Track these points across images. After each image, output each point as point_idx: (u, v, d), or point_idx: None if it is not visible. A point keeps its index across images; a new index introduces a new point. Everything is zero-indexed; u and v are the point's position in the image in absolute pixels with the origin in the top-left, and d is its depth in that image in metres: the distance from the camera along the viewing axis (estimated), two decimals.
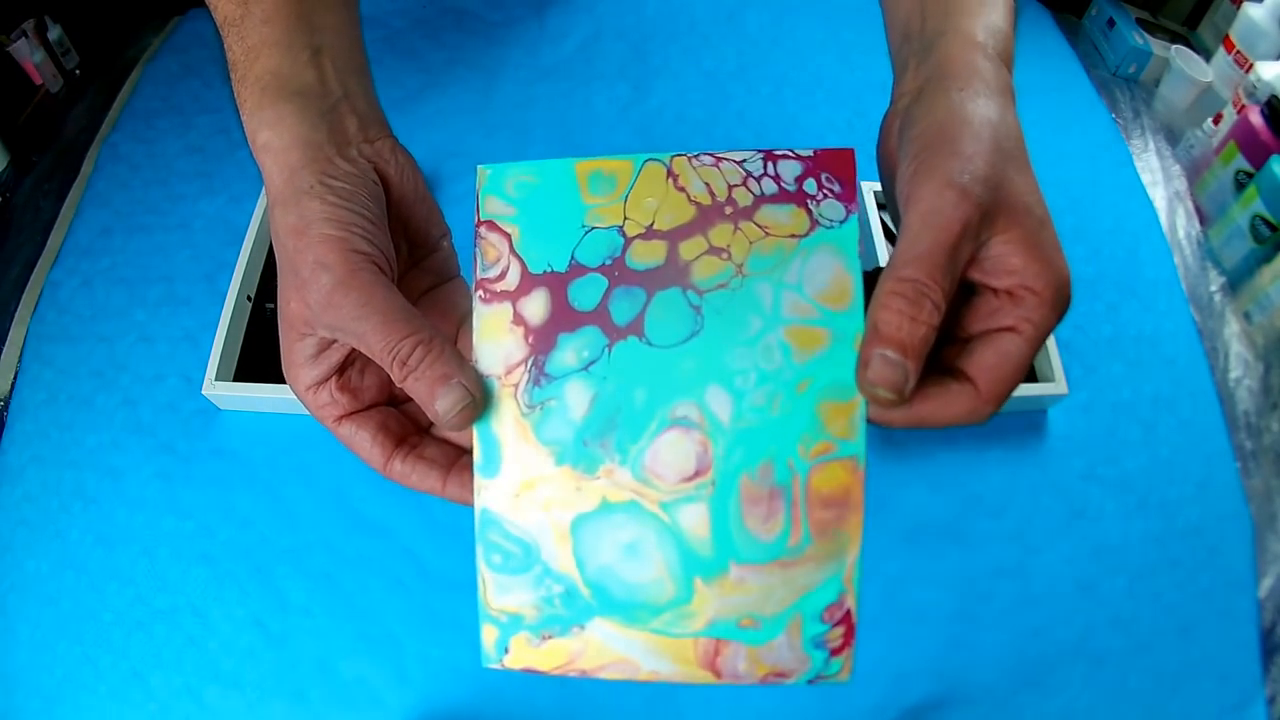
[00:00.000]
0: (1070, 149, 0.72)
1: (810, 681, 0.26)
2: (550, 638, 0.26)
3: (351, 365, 0.30)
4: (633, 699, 0.48)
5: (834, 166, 0.27)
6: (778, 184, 0.27)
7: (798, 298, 0.26)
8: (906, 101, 0.29)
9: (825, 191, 0.27)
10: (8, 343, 0.60)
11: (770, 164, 0.27)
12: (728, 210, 0.27)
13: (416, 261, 0.32)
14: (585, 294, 0.27)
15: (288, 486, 0.53)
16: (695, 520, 0.26)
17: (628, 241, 0.27)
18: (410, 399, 0.29)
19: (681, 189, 0.27)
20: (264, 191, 0.29)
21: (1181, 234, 0.68)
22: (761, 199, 0.27)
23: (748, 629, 0.26)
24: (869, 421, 0.25)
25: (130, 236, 0.64)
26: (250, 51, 0.30)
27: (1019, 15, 0.32)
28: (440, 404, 0.26)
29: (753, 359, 0.26)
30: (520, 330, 0.27)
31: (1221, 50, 0.76)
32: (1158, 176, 0.71)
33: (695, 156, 0.27)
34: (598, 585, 0.26)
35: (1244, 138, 0.67)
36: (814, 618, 0.25)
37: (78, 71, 0.78)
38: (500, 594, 0.27)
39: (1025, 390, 0.55)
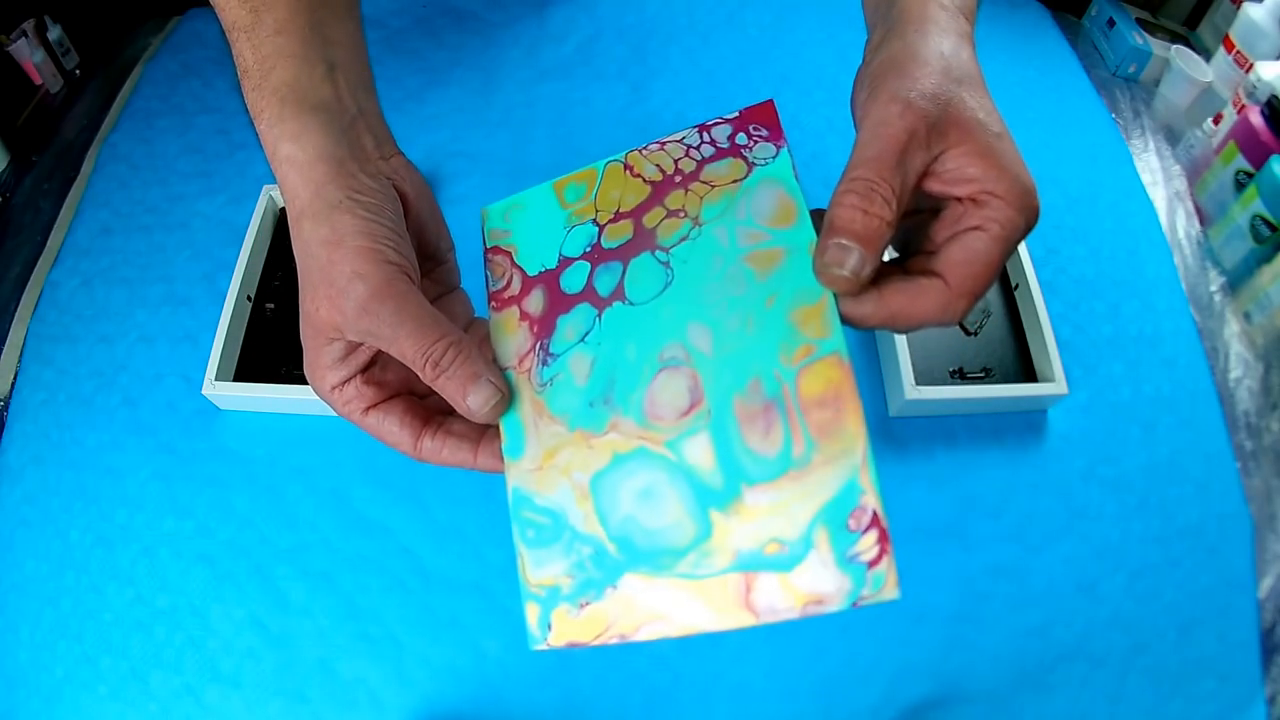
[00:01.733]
0: (1070, 149, 0.72)
1: (855, 604, 0.24)
2: (587, 604, 0.27)
3: (374, 363, 0.31)
4: (633, 699, 0.48)
5: (759, 117, 0.31)
6: (714, 146, 0.30)
7: (750, 229, 0.28)
8: (868, 56, 0.31)
9: (755, 139, 0.30)
10: (8, 343, 0.60)
11: (704, 133, 0.31)
12: (677, 179, 0.30)
13: (426, 273, 0.34)
14: (573, 279, 0.30)
15: (288, 486, 0.53)
16: (700, 451, 0.26)
17: (601, 229, 0.31)
18: (431, 393, 0.31)
19: (637, 175, 0.31)
20: (283, 197, 0.30)
21: (1181, 234, 0.68)
22: (703, 162, 0.30)
23: (775, 555, 0.25)
24: (844, 322, 0.27)
25: (130, 236, 0.64)
26: (265, 61, 0.31)
27: (1019, 16, 0.33)
28: (472, 400, 0.28)
29: (722, 291, 0.28)
30: (526, 324, 0.30)
31: (1221, 50, 0.76)
32: (1158, 176, 0.71)
33: (644, 147, 0.31)
34: (622, 539, 0.27)
35: (1244, 138, 0.67)
36: (840, 528, 0.24)
37: (78, 71, 0.78)
38: (537, 568, 0.28)
39: (1025, 390, 0.55)
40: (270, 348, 0.56)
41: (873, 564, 0.24)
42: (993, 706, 0.49)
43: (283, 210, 0.62)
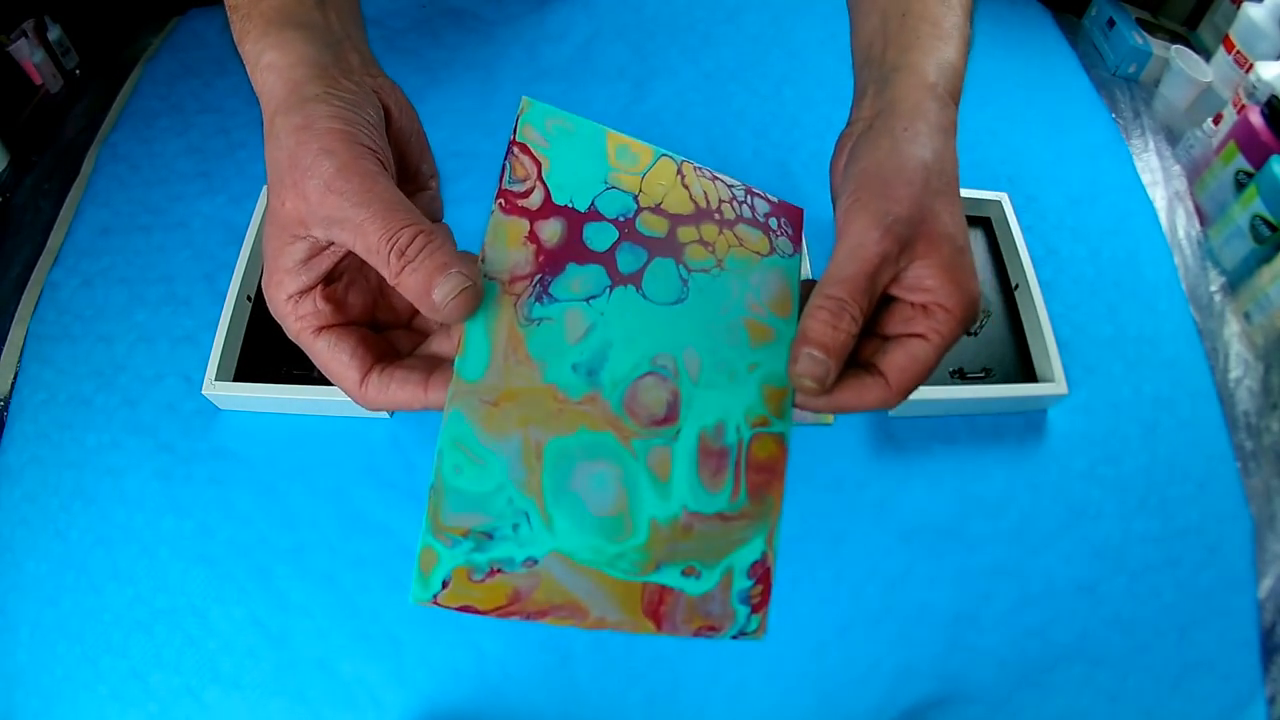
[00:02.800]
0: (1070, 149, 0.72)
1: (734, 637, 0.28)
2: (499, 571, 0.26)
3: (339, 279, 0.29)
4: (633, 699, 0.48)
5: (789, 215, 0.34)
6: (753, 212, 0.33)
7: (755, 299, 0.31)
8: (859, 129, 0.33)
9: (782, 232, 0.33)
10: (8, 343, 0.60)
11: (750, 195, 0.33)
12: (716, 216, 0.32)
13: (405, 194, 0.32)
14: (599, 237, 0.30)
15: (288, 486, 0.53)
16: (659, 462, 0.28)
17: (639, 209, 0.31)
18: (394, 323, 0.30)
19: (686, 187, 0.32)
20: (261, 106, 0.29)
21: (1181, 234, 0.68)
22: (740, 219, 0.32)
23: (690, 578, 0.27)
24: (796, 406, 0.30)
25: (130, 236, 0.64)
26: None
27: (1019, 16, 0.33)
28: (438, 291, 0.25)
29: (721, 335, 0.30)
30: (533, 248, 0.29)
31: (1221, 50, 0.76)
32: (1158, 176, 0.71)
33: (700, 168, 0.33)
34: (560, 514, 0.26)
35: (1244, 138, 0.67)
36: (742, 573, 0.28)
37: (78, 71, 0.78)
38: (454, 511, 0.26)
39: (1025, 390, 0.55)
40: (270, 348, 0.56)
41: (756, 609, 0.28)
42: (993, 706, 0.49)
43: None
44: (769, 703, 0.48)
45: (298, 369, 0.55)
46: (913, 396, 0.52)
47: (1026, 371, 0.57)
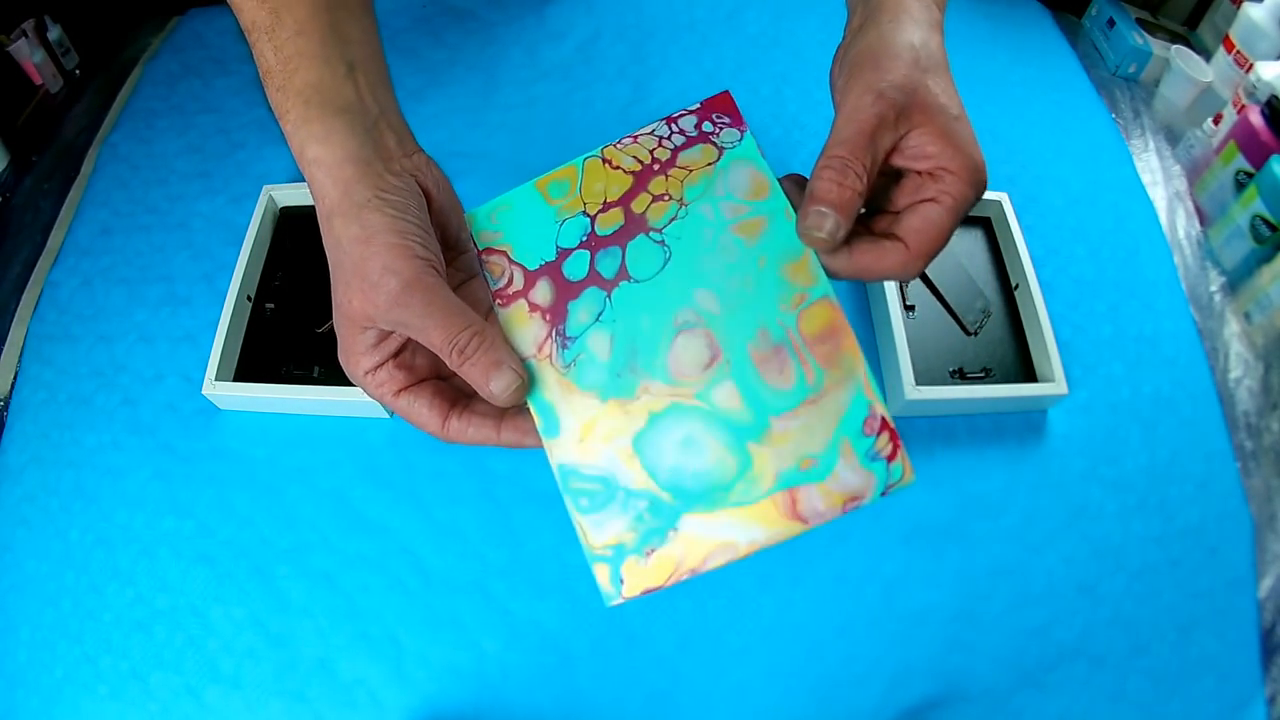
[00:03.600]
0: (1070, 149, 0.72)
1: (883, 494, 0.29)
2: (653, 551, 0.30)
3: (404, 349, 0.33)
4: (633, 699, 0.48)
5: (720, 107, 0.35)
6: (684, 135, 0.35)
7: (731, 203, 0.33)
8: (848, 39, 0.35)
9: (719, 125, 0.35)
10: (8, 343, 0.60)
11: (672, 124, 0.35)
12: (655, 168, 0.34)
13: (449, 261, 0.35)
14: (576, 267, 0.33)
15: (288, 486, 0.53)
16: (727, 396, 0.31)
17: (592, 219, 0.34)
18: (456, 376, 0.33)
19: (617, 168, 0.34)
20: (312, 195, 0.33)
21: (1181, 234, 0.68)
22: (677, 150, 0.34)
23: (810, 469, 0.30)
24: (836, 274, 0.32)
25: (130, 236, 0.64)
26: (288, 62, 0.32)
27: (1019, 16, 0.33)
28: (495, 384, 0.31)
29: (718, 259, 0.32)
30: (537, 314, 0.33)
31: (1221, 50, 0.76)
32: (1158, 176, 0.71)
33: (618, 142, 0.35)
34: (673, 486, 0.30)
35: (1244, 138, 0.67)
36: (858, 435, 0.30)
37: (78, 71, 0.78)
38: (597, 531, 0.30)
39: (1025, 390, 0.55)
40: (270, 348, 0.56)
41: (890, 458, 0.30)
42: (993, 706, 0.49)
43: (282, 210, 0.62)
44: (769, 703, 0.48)
45: (298, 369, 0.55)
46: (913, 397, 0.52)
47: (1026, 371, 0.57)
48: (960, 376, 0.56)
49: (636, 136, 0.35)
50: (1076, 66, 0.79)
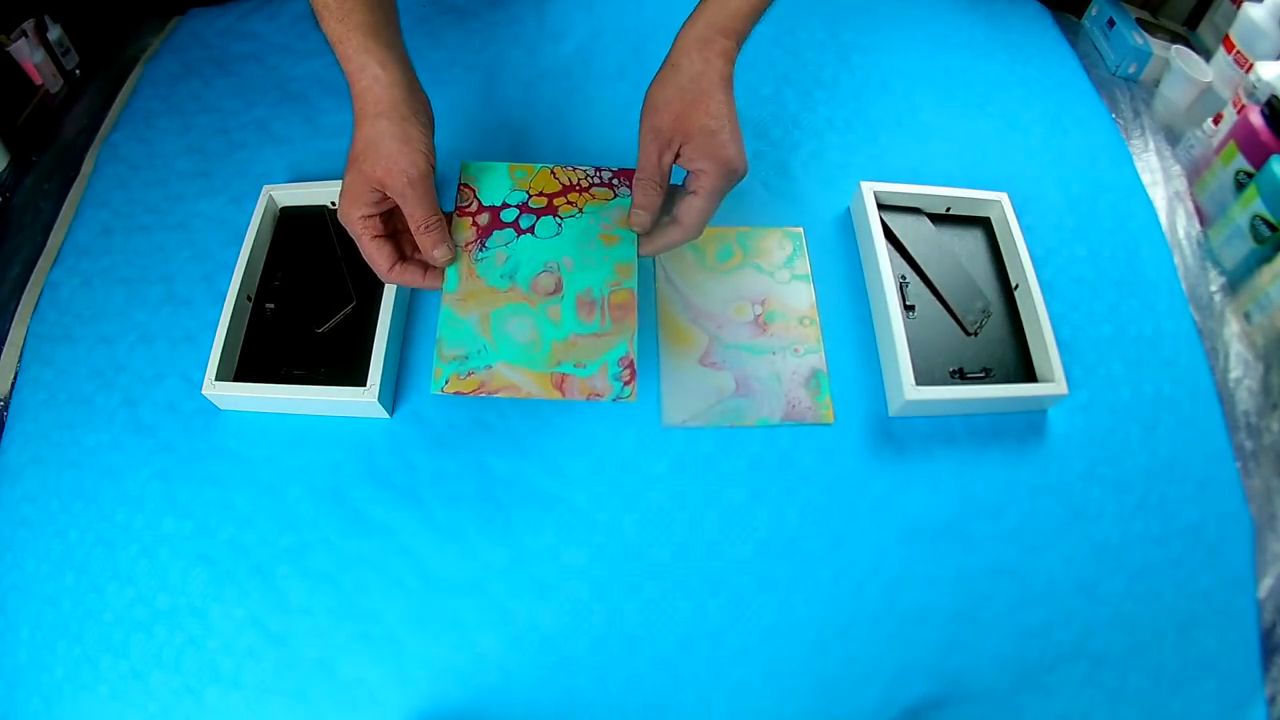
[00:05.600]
0: (1070, 149, 0.72)
1: (615, 399, 0.48)
2: (472, 373, 0.48)
3: (386, 213, 0.48)
4: (633, 699, 0.48)
5: (625, 175, 0.53)
6: (599, 179, 0.54)
7: (605, 223, 0.52)
8: (650, 85, 0.49)
9: (622, 184, 0.53)
10: (8, 343, 0.60)
11: (598, 172, 0.54)
12: (577, 188, 0.53)
13: None
14: (508, 215, 0.52)
15: (288, 486, 0.53)
16: (554, 312, 0.49)
17: (530, 196, 0.53)
18: (407, 238, 0.49)
19: (555, 178, 0.54)
20: (360, 100, 0.46)
21: (1181, 234, 0.68)
22: (592, 184, 0.53)
23: (579, 368, 0.48)
24: (640, 255, 0.51)
25: (130, 236, 0.64)
26: (344, 2, 0.46)
27: (1019, 16, 0.33)
28: (437, 251, 0.48)
29: (584, 246, 0.51)
30: (474, 228, 0.51)
31: (1221, 50, 0.76)
32: (1158, 176, 0.71)
33: (566, 166, 0.54)
34: (500, 343, 0.48)
35: (1244, 138, 0.67)
36: (614, 363, 0.48)
37: (78, 71, 0.78)
38: (448, 348, 0.48)
39: (1025, 390, 0.55)
40: (270, 348, 0.56)
41: (626, 383, 0.48)
42: (993, 706, 0.49)
43: (282, 210, 0.62)
44: (769, 703, 0.48)
45: (298, 369, 0.55)
46: (913, 397, 0.52)
47: (1026, 371, 0.57)
48: (960, 376, 0.56)
49: (577, 168, 0.54)
50: (1076, 66, 0.79)
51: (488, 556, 0.51)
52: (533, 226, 0.51)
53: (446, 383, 0.47)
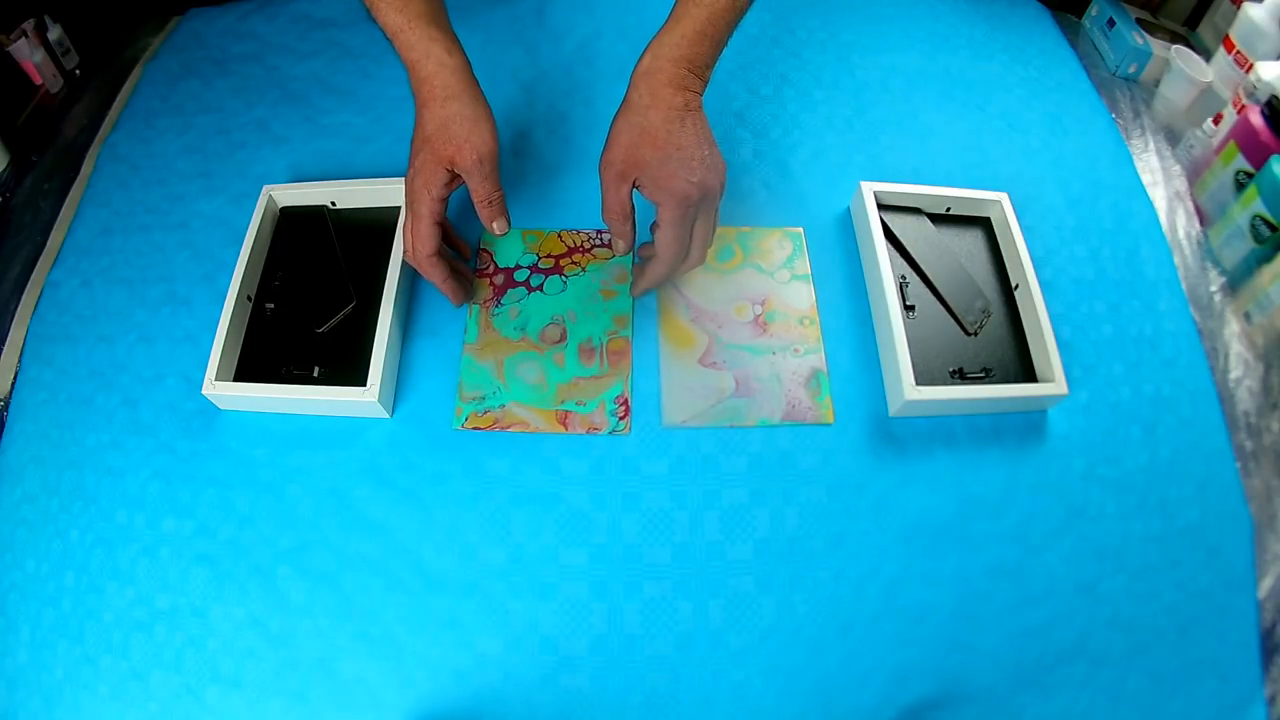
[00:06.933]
0: (1070, 149, 0.72)
1: (610, 433, 0.54)
2: (488, 412, 0.54)
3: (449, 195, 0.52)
4: (633, 699, 0.48)
5: None
6: (601, 241, 0.62)
7: (606, 278, 0.60)
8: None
9: None
10: (8, 343, 0.60)
11: (600, 235, 0.62)
12: (581, 249, 0.62)
13: None
14: (520, 275, 0.61)
15: (288, 486, 0.53)
16: (559, 359, 0.57)
17: (539, 258, 0.61)
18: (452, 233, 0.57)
19: (562, 241, 0.62)
20: (424, 84, 0.50)
21: (1181, 234, 0.68)
22: (594, 246, 0.62)
23: (580, 406, 0.55)
24: (633, 295, 0.58)
25: (130, 236, 0.64)
26: None
27: (1019, 16, 0.33)
28: (496, 223, 0.53)
29: (587, 300, 0.59)
30: (492, 287, 0.60)
31: (1221, 50, 0.76)
32: (1158, 176, 0.71)
33: (571, 230, 0.62)
34: (513, 385, 0.56)
35: (1244, 138, 0.67)
36: (610, 401, 0.55)
37: (78, 71, 0.78)
38: (469, 390, 0.55)
39: (1025, 390, 0.55)
40: (270, 348, 0.56)
41: (620, 418, 0.54)
42: (993, 706, 0.49)
43: (282, 210, 0.62)
44: (769, 702, 0.48)
45: (298, 369, 0.55)
46: (913, 397, 0.52)
47: (1026, 371, 0.57)
48: (960, 376, 0.56)
49: (580, 232, 0.62)
50: (1076, 66, 0.79)
51: (487, 556, 0.51)
52: (542, 284, 0.60)
53: (466, 420, 0.54)
